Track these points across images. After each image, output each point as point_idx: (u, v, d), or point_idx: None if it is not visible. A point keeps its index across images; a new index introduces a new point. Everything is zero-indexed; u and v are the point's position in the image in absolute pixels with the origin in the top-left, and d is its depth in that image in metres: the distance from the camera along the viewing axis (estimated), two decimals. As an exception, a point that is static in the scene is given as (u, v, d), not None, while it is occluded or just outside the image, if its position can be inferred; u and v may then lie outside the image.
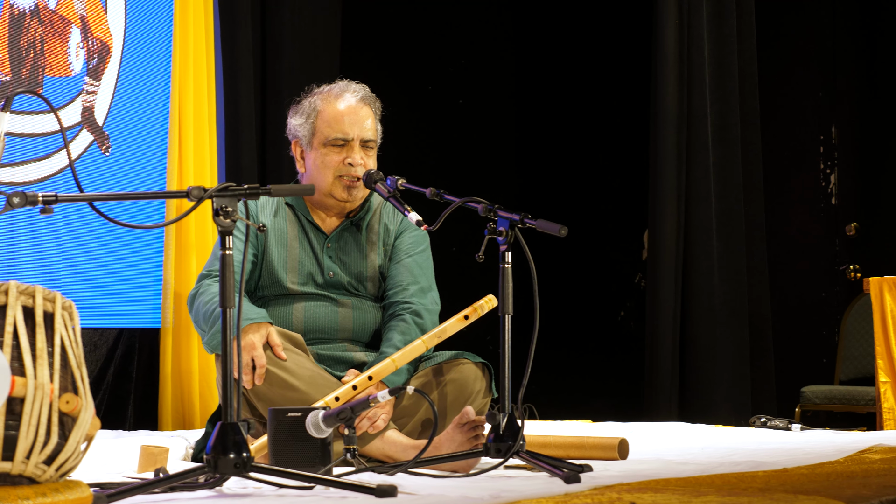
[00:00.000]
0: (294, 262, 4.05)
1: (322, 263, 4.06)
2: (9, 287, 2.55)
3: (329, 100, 4.10)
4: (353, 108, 4.07)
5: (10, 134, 4.81)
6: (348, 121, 4.05)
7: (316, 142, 4.07)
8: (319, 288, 4.04)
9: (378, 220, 4.15)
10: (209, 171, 5.72)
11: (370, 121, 4.09)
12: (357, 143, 4.05)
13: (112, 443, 4.31)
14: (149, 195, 3.55)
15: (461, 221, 4.56)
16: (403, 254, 4.12)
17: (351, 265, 4.09)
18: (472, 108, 7.61)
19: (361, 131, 4.06)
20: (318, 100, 4.11)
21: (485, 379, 3.97)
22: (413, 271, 4.10)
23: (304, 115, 4.11)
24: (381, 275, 4.11)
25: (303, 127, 4.10)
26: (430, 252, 4.19)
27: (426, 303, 4.06)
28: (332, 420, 3.40)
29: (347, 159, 4.03)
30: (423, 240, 4.17)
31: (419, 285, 4.09)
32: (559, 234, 3.46)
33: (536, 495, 2.92)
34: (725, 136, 6.66)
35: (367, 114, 4.09)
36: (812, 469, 3.64)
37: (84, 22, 5.23)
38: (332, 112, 4.07)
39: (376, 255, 4.11)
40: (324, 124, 4.06)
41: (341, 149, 4.05)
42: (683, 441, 4.83)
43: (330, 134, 4.05)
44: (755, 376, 6.67)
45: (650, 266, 6.81)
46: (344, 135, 4.04)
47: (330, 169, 4.04)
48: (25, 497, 2.44)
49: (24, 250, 4.88)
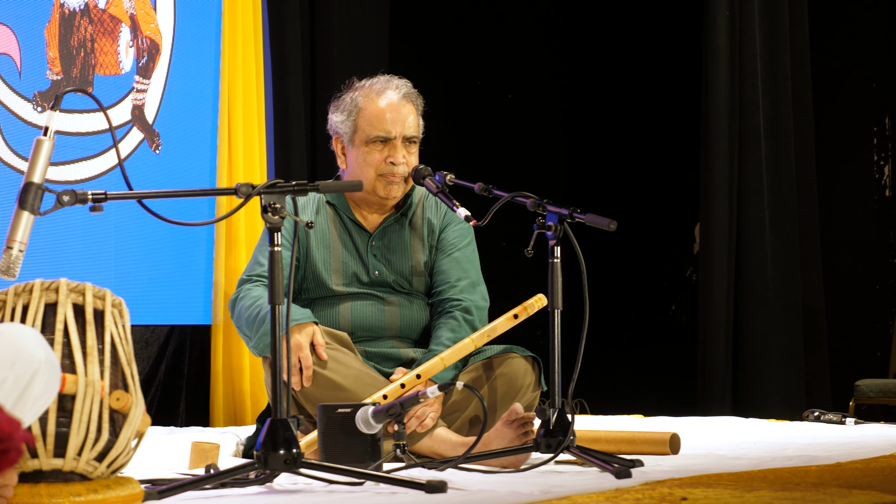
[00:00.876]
0: (338, 262, 4.04)
1: (367, 262, 4.05)
2: (59, 285, 2.56)
3: (371, 97, 4.06)
4: (395, 105, 4.04)
5: (60, 132, 4.84)
6: (390, 119, 4.02)
7: (358, 139, 4.04)
8: (365, 287, 4.04)
9: (421, 214, 4.13)
10: (258, 167, 5.74)
11: (412, 118, 4.06)
12: (399, 140, 4.02)
13: (164, 439, 4.33)
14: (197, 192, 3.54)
15: (510, 216, 4.55)
16: (450, 248, 4.11)
17: (396, 262, 4.07)
18: (521, 103, 7.59)
19: (404, 129, 4.03)
20: (360, 96, 4.08)
21: (534, 373, 3.96)
22: (461, 266, 4.09)
23: (346, 111, 4.08)
24: (427, 270, 4.10)
25: (344, 124, 4.07)
26: (475, 245, 4.17)
27: (476, 299, 4.04)
28: (382, 416, 3.40)
29: (390, 158, 4.01)
30: (469, 233, 4.15)
31: (468, 280, 4.07)
32: (608, 229, 3.44)
33: (587, 490, 2.91)
34: (778, 128, 6.61)
35: (409, 111, 4.06)
36: (866, 463, 3.61)
37: (134, 20, 5.26)
38: (373, 110, 4.04)
39: (421, 250, 4.10)
40: (365, 122, 4.03)
41: (384, 146, 4.02)
42: (736, 436, 4.80)
43: (372, 132, 4.02)
44: (809, 370, 6.62)
45: (702, 260, 6.76)
46: (386, 133, 4.02)
47: (372, 167, 4.02)
48: (77, 493, 2.46)
49: (75, 248, 4.91)
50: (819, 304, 6.75)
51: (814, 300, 6.73)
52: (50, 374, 2.32)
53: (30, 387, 2.27)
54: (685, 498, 2.70)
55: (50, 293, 2.56)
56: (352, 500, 2.78)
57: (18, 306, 2.55)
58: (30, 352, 2.28)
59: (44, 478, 2.48)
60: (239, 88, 5.69)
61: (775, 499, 2.68)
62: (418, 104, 4.10)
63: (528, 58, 7.63)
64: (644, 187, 7.52)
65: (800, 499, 2.67)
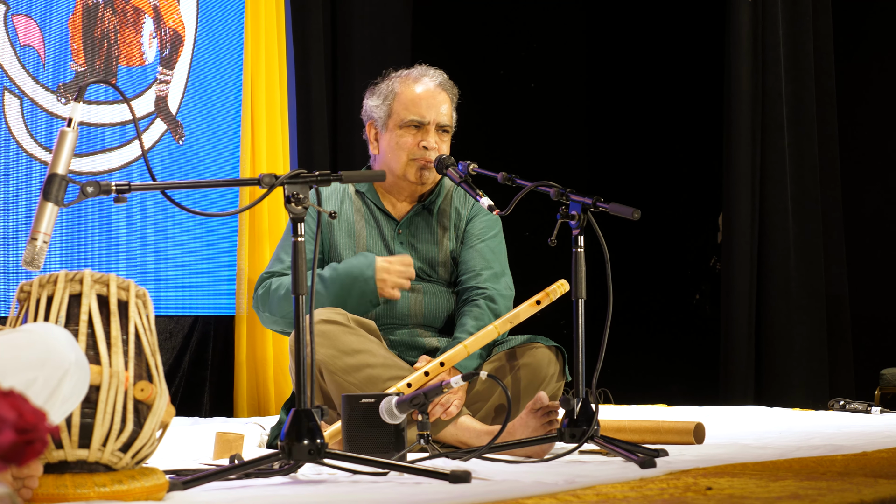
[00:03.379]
0: (362, 251, 4.04)
1: (393, 250, 4.06)
2: (83, 276, 2.57)
3: (407, 83, 4.11)
4: (430, 91, 4.09)
5: (84, 124, 4.85)
6: (425, 104, 4.06)
7: (392, 123, 4.08)
8: (390, 275, 4.04)
9: (450, 204, 4.15)
10: (281, 158, 5.74)
11: (447, 106, 4.10)
12: (433, 126, 4.06)
13: (188, 430, 4.34)
14: (221, 183, 3.56)
15: (533, 206, 4.54)
16: (476, 238, 4.11)
17: (422, 250, 4.08)
18: (543, 92, 7.57)
19: (438, 116, 4.07)
20: (396, 82, 4.13)
21: (558, 363, 3.95)
22: (486, 256, 4.09)
23: (382, 96, 4.12)
24: (453, 260, 4.11)
25: (379, 108, 4.11)
26: (502, 236, 4.18)
27: (500, 288, 4.05)
28: (406, 406, 3.40)
29: (422, 142, 4.04)
30: (496, 224, 4.16)
31: (492, 270, 4.07)
32: (632, 218, 3.43)
33: (611, 480, 2.90)
34: (801, 117, 6.58)
35: (444, 99, 4.10)
36: (893, 453, 3.60)
37: (157, 11, 5.26)
38: (409, 95, 4.08)
39: (448, 239, 4.11)
40: (401, 106, 4.07)
41: (417, 131, 4.06)
42: (760, 425, 4.79)
43: (406, 116, 4.06)
44: (833, 359, 6.59)
45: (725, 249, 6.74)
46: (420, 117, 4.05)
47: (404, 151, 4.05)
48: (102, 484, 2.47)
49: (99, 239, 4.93)
50: (843, 292, 6.72)
51: (837, 289, 6.70)
52: (79, 375, 2.33)
53: (59, 387, 2.28)
54: (710, 488, 2.70)
55: (74, 284, 2.57)
56: (376, 491, 2.78)
57: (43, 297, 2.56)
58: (60, 353, 2.29)
59: (69, 468, 2.48)
60: (261, 79, 5.69)
61: (801, 488, 2.67)
62: (453, 95, 4.15)
63: (550, 47, 7.61)
64: (666, 176, 7.50)
65: (826, 488, 2.66)
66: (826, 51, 6.69)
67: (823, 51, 6.67)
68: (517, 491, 2.67)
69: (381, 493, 2.73)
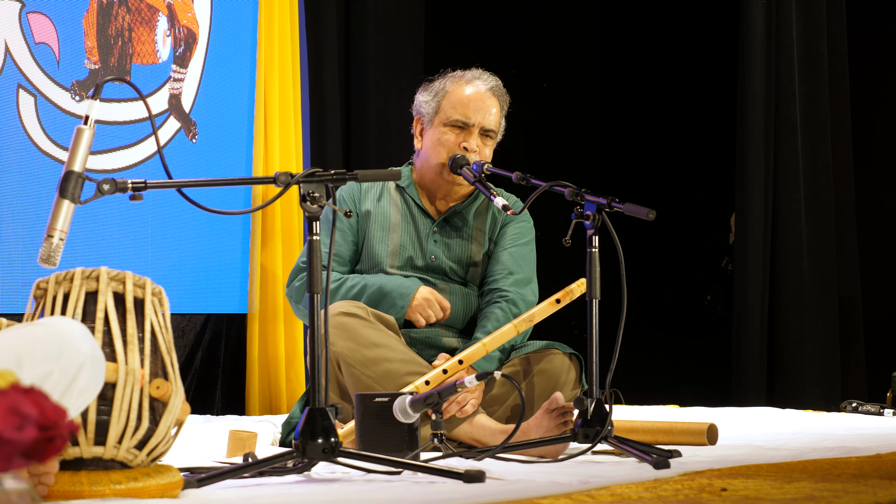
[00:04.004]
0: (395, 245, 4.06)
1: (425, 247, 4.07)
2: (99, 273, 2.57)
3: (459, 83, 4.13)
4: (480, 94, 4.10)
5: (99, 122, 4.86)
6: (473, 106, 4.08)
7: (437, 120, 4.10)
8: (419, 272, 4.06)
9: (486, 210, 4.16)
10: (294, 156, 5.74)
11: (495, 111, 4.11)
12: (477, 129, 4.07)
13: (201, 428, 4.35)
14: (236, 181, 3.55)
15: (547, 206, 4.54)
16: (509, 243, 4.13)
17: (455, 250, 4.10)
18: (557, 92, 7.57)
19: (484, 119, 4.07)
20: (449, 81, 4.15)
21: (575, 370, 3.95)
22: (516, 262, 4.10)
23: (433, 93, 4.14)
24: (484, 262, 4.12)
25: (428, 104, 4.13)
26: (534, 245, 4.19)
27: (524, 293, 4.05)
28: (420, 405, 3.40)
29: (464, 143, 4.05)
30: (529, 232, 4.18)
31: (520, 276, 4.08)
32: (647, 218, 3.43)
33: (625, 481, 2.90)
34: (814, 118, 6.57)
35: (493, 104, 4.11)
36: (906, 455, 3.59)
37: (171, 10, 5.27)
38: (459, 94, 4.10)
39: (480, 244, 4.12)
40: (448, 105, 4.09)
41: (461, 131, 4.07)
42: (773, 426, 4.78)
43: (452, 115, 4.08)
44: (846, 360, 6.58)
45: (737, 250, 6.73)
46: (466, 118, 4.06)
47: (445, 148, 4.06)
48: (118, 481, 2.47)
49: (114, 237, 4.93)
50: (855, 294, 6.71)
51: (850, 290, 6.69)
52: (95, 368, 2.33)
53: (75, 381, 2.28)
54: (725, 489, 2.69)
55: (90, 281, 2.57)
56: (390, 490, 2.78)
57: (59, 294, 2.56)
58: (76, 346, 2.29)
59: (84, 465, 2.49)
60: (275, 77, 5.69)
61: (816, 490, 2.67)
62: (504, 102, 4.16)
63: (562, 47, 7.60)
64: (679, 177, 7.49)
65: (841, 490, 2.66)
66: (840, 52, 6.67)
67: (837, 52, 6.66)
68: (532, 491, 2.66)
69: (394, 493, 2.73)
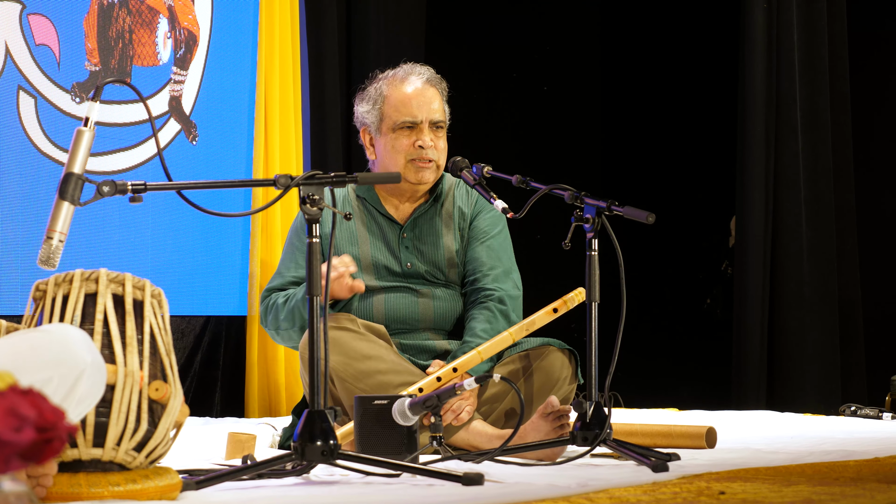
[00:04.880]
0: (367, 258, 4.04)
1: (399, 255, 4.06)
2: (99, 275, 2.57)
3: (395, 84, 4.10)
4: (419, 90, 4.08)
5: (99, 123, 4.86)
6: (416, 104, 4.05)
7: (385, 127, 4.07)
8: (398, 279, 4.04)
9: (452, 203, 4.14)
10: (295, 159, 5.75)
11: (437, 102, 4.09)
12: (426, 125, 4.05)
13: (200, 430, 4.35)
14: (236, 183, 3.57)
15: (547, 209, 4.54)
16: (482, 236, 4.11)
17: (428, 253, 4.08)
18: (557, 95, 7.57)
19: (430, 113, 4.06)
20: (384, 85, 4.12)
21: (571, 366, 3.95)
22: (494, 254, 4.09)
23: (371, 101, 4.11)
24: (460, 259, 4.10)
25: (370, 114, 4.10)
26: (507, 232, 4.17)
27: (508, 288, 4.04)
28: (419, 408, 3.40)
29: (418, 142, 4.04)
30: (500, 220, 4.15)
31: (500, 269, 4.07)
32: (647, 222, 3.43)
33: (624, 484, 2.90)
34: (815, 121, 6.57)
35: (433, 95, 4.09)
36: (905, 459, 3.59)
37: (171, 12, 5.27)
38: (398, 96, 4.07)
39: (452, 239, 4.11)
40: (391, 109, 4.06)
41: (411, 132, 4.05)
42: (772, 430, 4.78)
43: (398, 118, 4.05)
44: (845, 364, 6.58)
45: (737, 253, 6.73)
46: (413, 118, 4.04)
47: (401, 153, 4.04)
48: (116, 483, 2.47)
49: (114, 239, 4.93)
50: (855, 298, 6.71)
51: (850, 294, 6.69)
52: (96, 376, 2.33)
53: (75, 388, 2.28)
54: (723, 492, 2.69)
55: (90, 283, 2.57)
56: (388, 492, 2.78)
57: (59, 296, 2.56)
58: (77, 353, 2.29)
59: (83, 467, 2.49)
60: (276, 80, 5.70)
61: (814, 493, 2.67)
62: (442, 89, 4.14)
63: (563, 50, 7.60)
64: (679, 180, 7.49)
65: (839, 494, 2.66)
66: (841, 55, 6.67)
67: (838, 55, 6.66)
68: (530, 494, 2.67)
69: (393, 495, 2.73)
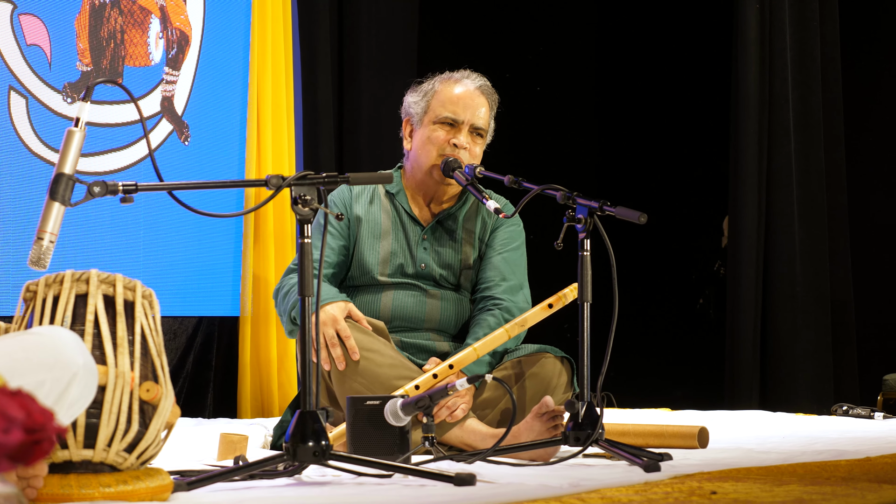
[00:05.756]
0: (386, 253, 4.05)
1: (415, 255, 4.06)
2: (90, 276, 2.57)
3: (448, 83, 4.13)
4: (469, 93, 4.10)
5: (90, 124, 4.85)
6: (462, 104, 4.07)
7: (427, 119, 4.09)
8: (409, 278, 4.05)
9: (476, 212, 4.15)
10: (287, 159, 5.74)
11: (484, 110, 4.10)
12: (467, 126, 4.06)
13: (192, 431, 4.34)
14: (228, 184, 3.57)
15: (539, 209, 4.54)
16: (500, 248, 4.12)
17: (445, 257, 4.09)
18: (551, 96, 7.57)
19: (473, 117, 4.07)
20: (438, 81, 4.15)
21: (566, 374, 3.95)
22: (506, 267, 4.09)
23: (422, 93, 4.14)
24: (475, 268, 4.11)
25: (417, 104, 4.12)
26: (524, 249, 4.18)
27: (517, 300, 4.05)
28: (411, 408, 3.39)
29: (454, 140, 4.04)
30: (519, 236, 4.17)
31: (512, 282, 4.08)
32: (639, 222, 3.43)
33: (616, 484, 2.90)
34: (807, 122, 6.57)
35: (482, 102, 4.10)
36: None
37: (163, 12, 5.27)
38: (448, 93, 4.10)
39: (471, 248, 4.12)
40: (437, 103, 4.09)
41: (450, 129, 4.06)
42: (764, 430, 4.78)
43: (441, 112, 4.07)
44: (837, 364, 6.58)
45: (730, 253, 6.74)
46: (455, 115, 4.05)
47: (435, 146, 4.05)
48: (107, 485, 2.46)
49: (105, 239, 4.93)
50: (848, 298, 6.72)
51: (842, 294, 6.70)
52: (87, 379, 2.32)
53: (67, 391, 2.28)
54: (715, 492, 2.69)
55: (80, 284, 2.57)
56: (380, 493, 2.78)
57: (49, 297, 2.55)
58: (69, 356, 2.29)
59: (74, 469, 2.48)
60: (268, 80, 5.69)
61: (805, 493, 2.67)
62: (493, 101, 4.16)
63: (556, 50, 7.61)
64: (672, 180, 7.50)
65: (830, 493, 2.66)
66: (833, 56, 6.68)
67: (830, 56, 6.67)
68: (522, 494, 2.66)
69: (385, 495, 2.73)
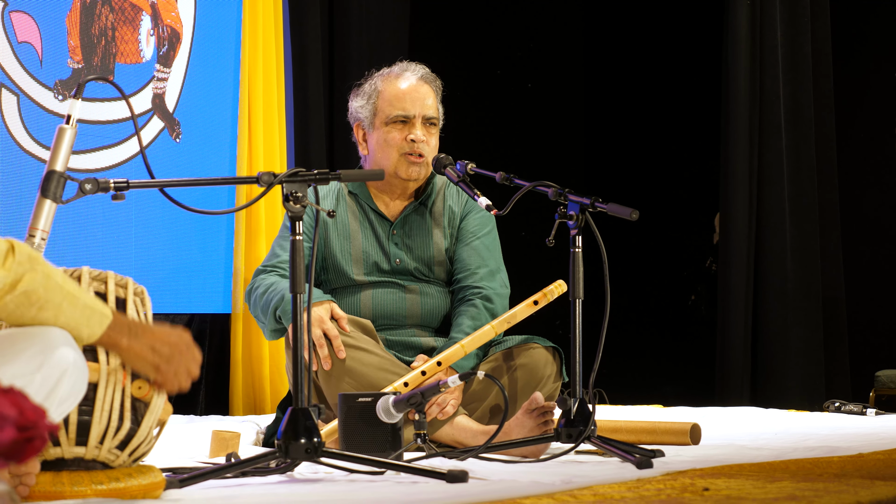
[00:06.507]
0: (358, 252, 4.04)
1: (388, 251, 4.05)
2: (81, 273, 2.56)
3: (390, 80, 4.11)
4: (413, 86, 4.08)
5: (82, 121, 4.85)
6: (409, 98, 4.05)
7: (378, 121, 4.07)
8: (386, 275, 4.04)
9: (443, 201, 4.14)
10: (278, 156, 5.74)
11: (431, 99, 4.09)
12: (419, 120, 4.05)
13: (184, 428, 4.34)
14: (219, 181, 3.56)
15: (531, 206, 4.54)
16: (471, 236, 4.11)
17: (417, 250, 4.08)
18: (541, 92, 7.57)
19: (423, 108, 4.06)
20: (379, 81, 4.12)
21: (555, 363, 3.95)
22: (481, 254, 4.09)
23: (366, 96, 4.12)
24: (448, 258, 4.10)
25: (364, 108, 4.10)
26: (496, 233, 4.18)
27: (496, 286, 4.05)
28: (403, 405, 3.39)
29: (410, 136, 4.03)
30: (490, 221, 4.16)
31: (488, 268, 4.07)
32: (630, 218, 3.43)
33: (608, 481, 2.90)
34: (798, 119, 6.58)
35: (427, 92, 4.09)
36: (888, 454, 3.59)
37: (154, 9, 5.26)
38: (392, 91, 4.07)
39: (442, 237, 4.11)
40: (385, 103, 4.06)
41: (403, 126, 4.05)
42: (756, 426, 4.79)
43: (391, 112, 4.05)
44: (829, 360, 6.59)
45: (721, 250, 6.75)
46: (405, 112, 4.04)
47: (393, 147, 4.04)
48: (99, 482, 2.46)
49: (96, 237, 4.92)
50: (839, 294, 6.73)
51: (834, 291, 6.71)
52: (78, 375, 2.32)
53: (57, 387, 2.27)
54: (707, 488, 2.69)
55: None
56: (373, 490, 2.78)
57: (41, 294, 2.54)
58: (59, 353, 2.28)
59: (66, 466, 2.48)
60: (259, 77, 5.69)
61: (798, 489, 2.67)
62: (437, 87, 4.14)
63: (547, 47, 7.61)
64: (663, 177, 7.50)
65: (822, 490, 2.66)
66: (824, 52, 6.69)
67: (821, 52, 6.68)
68: (514, 491, 2.66)
69: (377, 493, 2.72)
